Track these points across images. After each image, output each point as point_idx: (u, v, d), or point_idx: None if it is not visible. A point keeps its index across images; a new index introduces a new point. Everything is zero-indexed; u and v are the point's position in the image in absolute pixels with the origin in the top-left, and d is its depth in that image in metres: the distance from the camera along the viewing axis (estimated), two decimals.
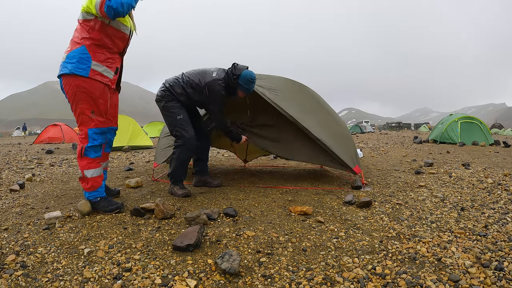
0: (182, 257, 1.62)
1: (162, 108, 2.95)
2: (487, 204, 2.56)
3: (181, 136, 2.86)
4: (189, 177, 3.47)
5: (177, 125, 2.87)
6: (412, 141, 11.42)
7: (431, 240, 1.80)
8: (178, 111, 2.89)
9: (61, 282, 1.40)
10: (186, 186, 3.04)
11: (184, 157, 2.91)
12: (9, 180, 4.02)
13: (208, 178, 3.32)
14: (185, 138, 2.84)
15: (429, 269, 1.47)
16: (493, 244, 1.73)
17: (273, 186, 3.35)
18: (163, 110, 2.95)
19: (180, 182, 2.96)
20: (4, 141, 17.36)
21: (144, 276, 1.44)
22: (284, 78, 3.58)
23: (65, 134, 14.87)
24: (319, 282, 1.38)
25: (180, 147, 2.88)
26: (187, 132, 2.85)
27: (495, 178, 3.71)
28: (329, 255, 1.64)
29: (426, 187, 3.27)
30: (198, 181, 3.31)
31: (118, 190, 2.93)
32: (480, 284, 1.34)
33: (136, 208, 2.27)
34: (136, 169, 4.86)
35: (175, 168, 2.92)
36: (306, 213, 2.31)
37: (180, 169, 2.93)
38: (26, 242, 1.84)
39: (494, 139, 10.32)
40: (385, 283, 1.36)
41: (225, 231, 1.97)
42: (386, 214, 2.31)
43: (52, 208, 2.58)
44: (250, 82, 2.90)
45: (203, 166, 3.31)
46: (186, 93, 2.91)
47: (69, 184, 3.65)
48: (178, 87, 2.92)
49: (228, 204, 2.63)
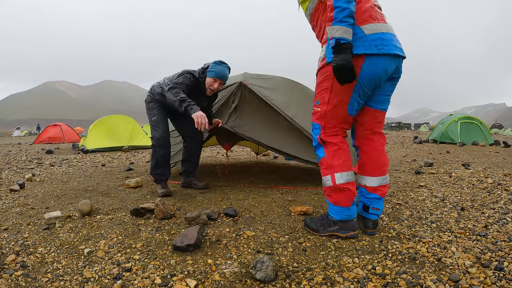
0: (182, 257, 1.62)
1: (146, 109, 3.09)
2: (487, 204, 2.56)
3: (153, 137, 2.97)
4: (175, 177, 3.47)
5: (151, 126, 2.99)
6: (412, 141, 11.42)
7: (431, 240, 1.80)
8: (154, 112, 3.00)
9: (61, 282, 1.40)
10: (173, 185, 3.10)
11: (157, 156, 2.94)
12: (9, 180, 4.02)
13: (194, 180, 3.27)
14: (155, 138, 2.94)
15: (429, 269, 1.47)
16: (493, 244, 1.73)
17: (273, 186, 3.35)
18: (146, 111, 3.09)
19: (162, 181, 2.98)
20: (4, 141, 17.36)
21: (144, 276, 1.43)
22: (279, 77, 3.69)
23: (65, 134, 14.87)
24: (319, 282, 1.38)
25: (152, 147, 2.99)
26: (157, 132, 2.94)
27: (495, 178, 3.71)
28: (329, 255, 1.64)
29: (426, 187, 3.27)
30: (184, 182, 3.30)
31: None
32: (480, 284, 1.34)
33: (136, 208, 2.27)
34: (136, 169, 4.86)
35: (151, 167, 3.02)
36: (306, 213, 2.30)
37: (156, 168, 2.97)
38: (26, 242, 1.84)
39: (494, 139, 10.32)
40: (385, 283, 1.36)
41: (225, 231, 1.97)
42: (386, 214, 2.31)
43: (52, 208, 2.58)
44: (216, 66, 2.87)
45: (189, 167, 3.26)
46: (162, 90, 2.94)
47: (69, 184, 3.65)
48: (157, 87, 3.02)
49: (228, 204, 2.63)
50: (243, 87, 3.28)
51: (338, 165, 1.81)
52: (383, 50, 1.70)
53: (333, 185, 1.81)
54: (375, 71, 1.72)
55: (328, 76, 1.79)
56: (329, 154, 1.84)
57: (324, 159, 1.86)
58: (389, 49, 1.71)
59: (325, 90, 1.82)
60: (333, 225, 1.85)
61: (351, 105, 1.81)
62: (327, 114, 1.83)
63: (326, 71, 1.80)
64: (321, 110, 1.85)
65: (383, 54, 1.70)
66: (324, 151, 1.86)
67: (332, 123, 1.84)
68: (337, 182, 1.80)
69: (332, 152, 1.83)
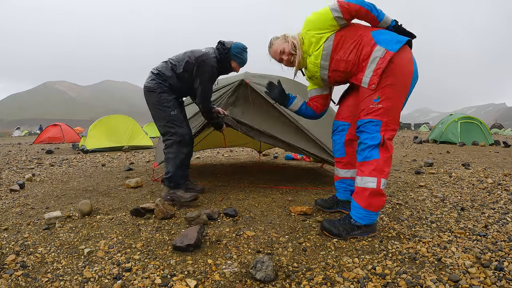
0: (182, 257, 1.62)
1: (155, 101, 2.63)
2: (487, 204, 2.56)
3: (175, 132, 2.59)
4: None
5: (170, 121, 2.61)
6: (412, 141, 11.42)
7: (431, 240, 1.80)
8: (171, 104, 2.64)
9: (61, 282, 1.40)
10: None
11: (183, 155, 2.62)
12: (9, 180, 4.02)
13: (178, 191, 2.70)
14: (180, 134, 2.60)
15: (429, 269, 1.47)
16: (493, 244, 1.73)
17: (273, 186, 3.35)
18: (156, 103, 2.63)
19: (182, 184, 2.66)
20: (4, 141, 17.36)
21: (144, 276, 1.43)
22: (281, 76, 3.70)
23: (65, 134, 14.87)
24: (319, 282, 1.38)
25: (176, 144, 2.59)
26: (182, 128, 2.62)
27: (495, 178, 3.71)
28: (329, 255, 1.64)
29: (426, 187, 3.27)
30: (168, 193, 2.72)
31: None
32: (480, 284, 1.34)
33: (136, 208, 2.27)
34: (136, 169, 4.86)
35: (175, 169, 2.60)
36: (306, 213, 2.30)
37: (180, 170, 2.62)
38: (26, 242, 1.84)
39: (494, 139, 10.32)
40: (385, 283, 1.36)
41: (225, 231, 1.97)
42: (386, 214, 2.31)
43: (52, 208, 2.58)
44: (243, 51, 2.70)
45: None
46: (176, 74, 2.65)
47: (69, 184, 3.66)
48: (167, 70, 2.66)
49: (228, 204, 2.63)
50: (245, 85, 3.29)
51: (387, 172, 1.83)
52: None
53: (377, 189, 1.81)
54: (415, 68, 1.88)
55: (390, 73, 1.81)
56: (383, 158, 1.83)
57: (377, 161, 1.83)
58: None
59: (388, 86, 1.82)
60: (356, 229, 1.85)
61: (405, 101, 1.89)
62: (390, 110, 1.84)
63: (388, 68, 1.82)
64: (384, 105, 1.83)
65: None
66: (379, 153, 1.84)
67: (395, 119, 1.87)
68: (381, 187, 1.82)
69: (386, 158, 1.84)
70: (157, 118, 2.68)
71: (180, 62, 2.66)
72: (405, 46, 1.86)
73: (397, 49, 1.80)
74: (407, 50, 1.87)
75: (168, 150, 2.63)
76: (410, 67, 1.84)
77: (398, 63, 1.80)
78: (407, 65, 1.84)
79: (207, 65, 2.61)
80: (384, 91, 1.82)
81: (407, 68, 1.84)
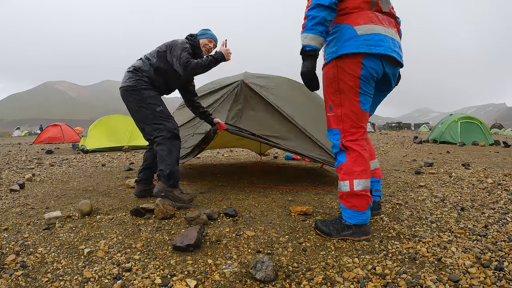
0: (182, 257, 1.62)
1: (138, 99, 2.58)
2: (487, 204, 2.56)
3: (164, 128, 2.55)
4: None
5: (156, 117, 2.57)
6: (412, 141, 11.42)
7: (431, 240, 1.80)
8: (157, 101, 2.62)
9: (61, 282, 1.40)
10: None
11: (176, 150, 2.58)
12: (9, 180, 4.02)
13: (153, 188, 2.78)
14: (172, 128, 2.57)
15: (429, 269, 1.47)
16: (493, 244, 1.73)
17: (273, 186, 3.35)
18: (140, 101, 2.58)
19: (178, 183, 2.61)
20: (4, 141, 17.36)
21: (144, 276, 1.43)
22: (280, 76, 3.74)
23: (65, 134, 14.88)
24: (319, 282, 1.38)
25: (167, 140, 2.54)
26: (171, 122, 2.60)
27: (495, 178, 3.71)
28: (329, 255, 1.64)
29: (426, 187, 3.27)
30: (141, 191, 2.86)
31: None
32: (480, 284, 1.34)
33: (136, 208, 2.27)
34: (136, 169, 4.85)
35: (172, 166, 2.51)
36: (306, 213, 2.30)
37: (177, 165, 2.57)
38: (26, 242, 1.84)
39: (494, 139, 10.31)
40: (385, 283, 1.36)
41: (225, 231, 1.97)
42: (386, 214, 2.31)
43: (52, 208, 2.58)
44: (206, 30, 2.82)
45: (150, 176, 2.89)
46: (152, 67, 2.65)
47: (69, 184, 3.65)
48: (144, 65, 2.67)
49: (228, 204, 2.63)
50: (244, 86, 3.30)
51: (358, 172, 1.81)
52: (374, 50, 1.73)
53: (351, 191, 1.81)
54: (368, 70, 1.77)
55: (332, 79, 1.83)
56: (350, 160, 1.83)
57: (344, 164, 1.84)
58: (381, 50, 1.74)
59: (334, 93, 1.84)
60: (347, 229, 1.84)
61: (362, 101, 1.84)
62: (343, 116, 1.84)
63: (328, 74, 1.85)
64: (336, 113, 1.85)
65: (375, 54, 1.74)
66: (346, 156, 1.84)
67: (350, 123, 1.84)
68: (355, 189, 1.80)
69: (354, 158, 1.82)
70: (142, 119, 2.62)
71: (153, 55, 2.73)
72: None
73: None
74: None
75: (161, 147, 2.55)
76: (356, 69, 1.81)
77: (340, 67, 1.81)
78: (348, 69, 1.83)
79: (177, 43, 2.65)
80: (332, 98, 1.86)
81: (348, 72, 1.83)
